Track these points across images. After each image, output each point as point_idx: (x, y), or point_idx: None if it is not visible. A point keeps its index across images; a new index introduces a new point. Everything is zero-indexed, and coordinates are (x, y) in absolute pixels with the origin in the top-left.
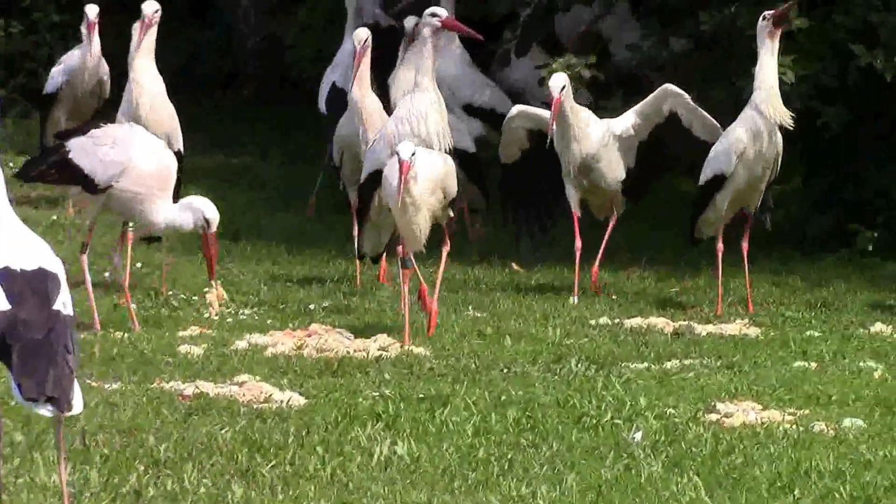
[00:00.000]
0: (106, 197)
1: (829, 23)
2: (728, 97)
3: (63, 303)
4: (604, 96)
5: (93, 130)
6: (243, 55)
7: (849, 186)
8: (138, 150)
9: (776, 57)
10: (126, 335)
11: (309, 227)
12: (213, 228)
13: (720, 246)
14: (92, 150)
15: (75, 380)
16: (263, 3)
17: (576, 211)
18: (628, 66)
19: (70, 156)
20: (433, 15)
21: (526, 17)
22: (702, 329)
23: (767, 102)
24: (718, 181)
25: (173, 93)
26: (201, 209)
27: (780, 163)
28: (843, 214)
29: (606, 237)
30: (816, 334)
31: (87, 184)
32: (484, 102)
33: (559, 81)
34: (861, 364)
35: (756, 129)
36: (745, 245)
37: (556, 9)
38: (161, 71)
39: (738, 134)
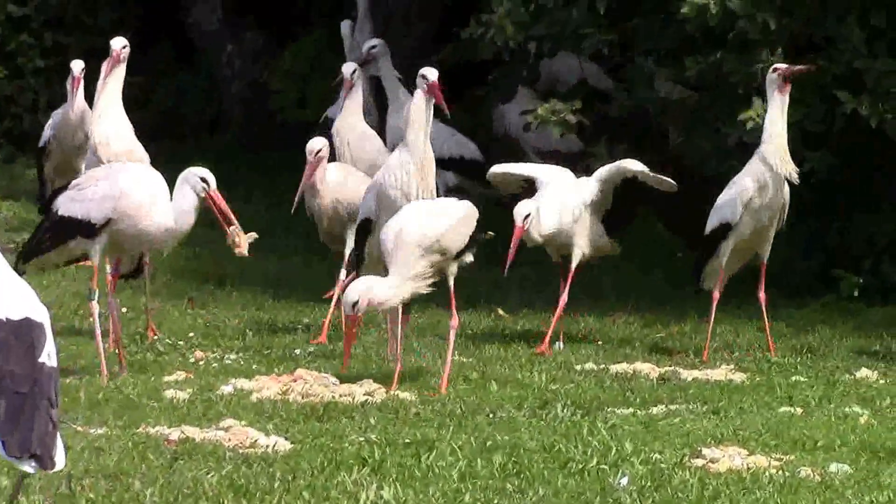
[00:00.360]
0: (107, 236)
1: (814, 69)
2: (713, 144)
3: (48, 354)
4: (590, 143)
5: (74, 182)
6: (228, 100)
7: (834, 232)
8: (125, 179)
9: (786, 110)
10: (111, 382)
11: (294, 271)
12: (213, 185)
13: (716, 294)
14: (80, 197)
15: (58, 434)
16: (248, 49)
17: (557, 259)
18: (621, 111)
19: (60, 213)
20: (423, 77)
21: (509, 63)
22: (687, 374)
23: (776, 155)
24: (724, 230)
25: (159, 136)
26: (192, 174)
27: (786, 212)
28: (828, 260)
29: (563, 303)
30: (802, 380)
31: (84, 228)
32: (452, 153)
33: (523, 210)
34: (847, 409)
35: (763, 181)
36: (761, 295)
37: (541, 54)
38: (147, 114)
39: (746, 183)
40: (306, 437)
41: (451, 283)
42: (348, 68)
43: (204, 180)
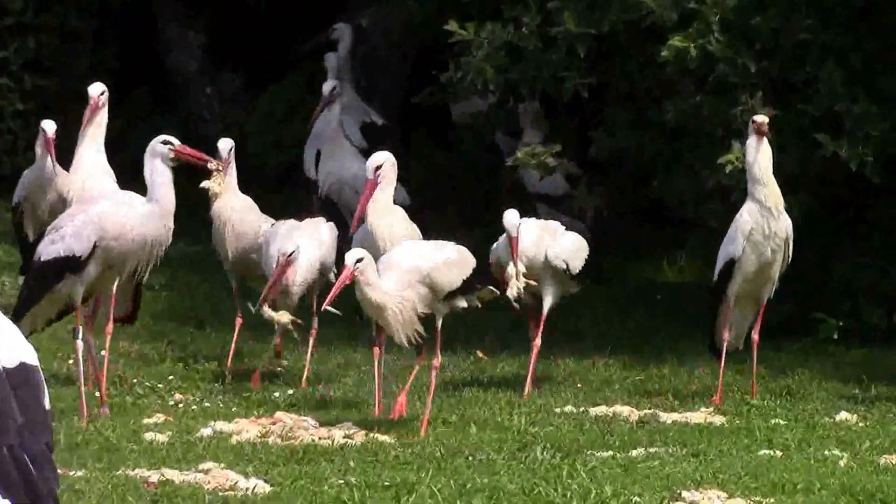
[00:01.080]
0: (97, 265)
1: (793, 111)
2: (691, 187)
3: (46, 398)
4: (572, 185)
5: (50, 227)
6: (205, 143)
7: (812, 274)
8: (101, 205)
9: (767, 151)
10: (90, 424)
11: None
12: (176, 141)
13: (725, 335)
14: (59, 236)
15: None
16: (225, 92)
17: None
18: (600, 154)
19: (43, 259)
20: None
21: (489, 107)
22: (667, 417)
23: (765, 193)
24: (729, 267)
25: (137, 179)
26: (155, 143)
27: (790, 248)
28: (806, 302)
29: (532, 367)
30: (781, 422)
31: (71, 264)
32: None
33: (514, 219)
34: (826, 452)
35: (759, 217)
36: (755, 336)
37: (519, 98)
38: (125, 157)
39: (745, 216)
40: (286, 479)
41: (439, 324)
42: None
43: (167, 142)
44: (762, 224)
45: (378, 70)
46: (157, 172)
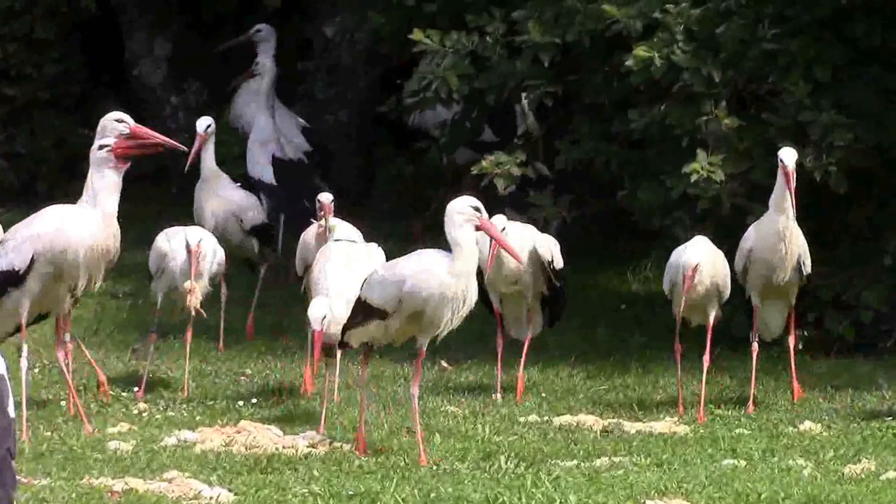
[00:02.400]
0: (38, 278)
1: (758, 121)
2: (657, 197)
3: (10, 405)
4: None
5: None
6: (171, 152)
7: None
8: (38, 220)
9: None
10: (54, 433)
11: (236, 323)
12: (131, 121)
13: (753, 346)
14: (2, 252)
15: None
16: (191, 103)
17: (497, 308)
18: (566, 164)
19: None
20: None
21: (454, 118)
22: (631, 426)
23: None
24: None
25: None
26: (107, 119)
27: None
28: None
29: (523, 362)
30: (746, 432)
31: (11, 278)
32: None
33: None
34: (790, 462)
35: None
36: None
37: (486, 109)
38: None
39: (748, 233)
40: (250, 488)
41: (422, 347)
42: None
43: (120, 121)
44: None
45: (343, 80)
46: (101, 177)
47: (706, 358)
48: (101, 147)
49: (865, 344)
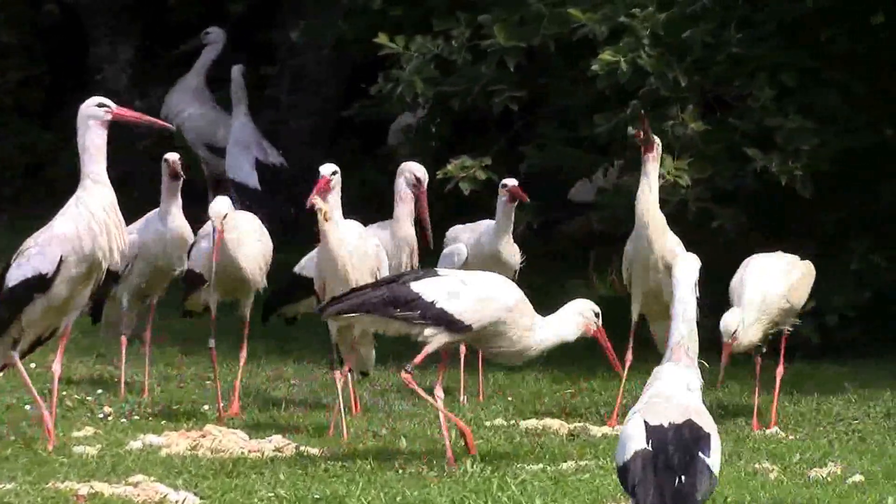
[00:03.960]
0: (64, 282)
1: (724, 126)
2: (622, 202)
3: None
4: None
5: (15, 255)
6: (136, 156)
7: None
8: (58, 221)
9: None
10: (17, 438)
11: (201, 327)
12: (114, 105)
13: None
14: (24, 259)
15: None
16: (156, 106)
17: None
18: (531, 169)
19: (10, 285)
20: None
21: (419, 122)
22: (597, 430)
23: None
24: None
25: (68, 193)
26: (87, 105)
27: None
28: None
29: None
30: None
31: (39, 283)
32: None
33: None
34: (757, 465)
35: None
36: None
37: (451, 111)
38: (56, 171)
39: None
40: (216, 492)
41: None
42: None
43: (102, 105)
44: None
45: (309, 85)
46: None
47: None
48: (99, 105)
49: (831, 347)
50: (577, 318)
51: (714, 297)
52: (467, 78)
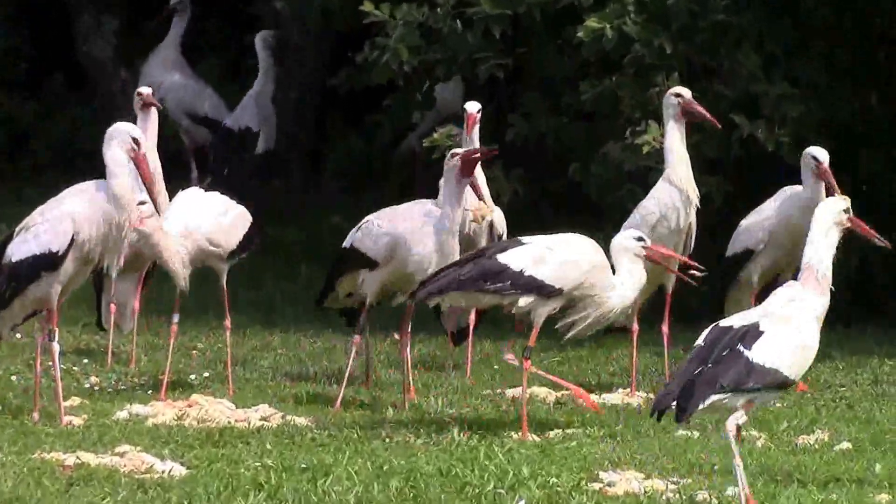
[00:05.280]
0: (72, 261)
1: (710, 93)
2: (609, 170)
3: None
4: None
5: (18, 228)
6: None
7: None
8: (69, 198)
9: (684, 135)
10: (6, 408)
11: (187, 297)
12: (142, 148)
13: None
14: (31, 235)
15: None
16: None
17: None
18: (517, 138)
19: (14, 259)
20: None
21: (404, 89)
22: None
23: (683, 180)
24: None
25: (53, 165)
26: (123, 131)
27: (693, 237)
28: (724, 285)
29: (471, 339)
30: None
31: (47, 261)
32: (207, 111)
33: None
34: (744, 433)
35: (670, 204)
36: (664, 328)
37: (437, 79)
38: (40, 143)
39: (649, 207)
40: (202, 462)
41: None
42: (473, 106)
43: (136, 139)
44: (671, 216)
45: (294, 55)
46: (119, 160)
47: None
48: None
49: None
50: (627, 256)
51: (702, 263)
52: (452, 46)
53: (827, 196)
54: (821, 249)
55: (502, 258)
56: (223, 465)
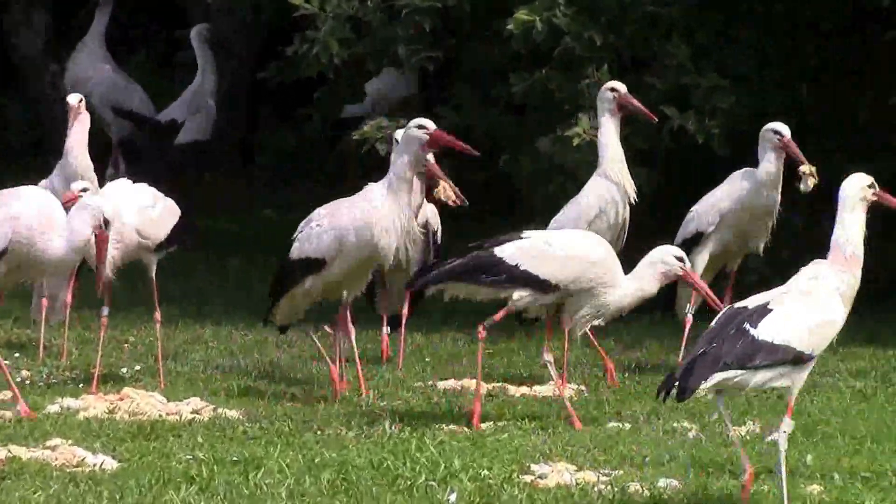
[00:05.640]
0: (5, 264)
1: (640, 85)
2: (539, 163)
3: None
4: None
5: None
6: (51, 121)
7: None
8: (16, 203)
9: (619, 130)
10: None
11: (119, 291)
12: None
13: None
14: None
15: None
16: None
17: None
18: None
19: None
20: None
21: (335, 81)
22: (515, 390)
23: (619, 174)
24: None
25: None
26: (97, 208)
27: (626, 231)
28: None
29: (403, 332)
30: (631, 395)
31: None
32: (133, 106)
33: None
34: (675, 424)
35: (608, 199)
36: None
37: (368, 72)
38: None
39: (590, 201)
40: (134, 455)
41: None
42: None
43: (106, 221)
44: (609, 211)
45: (225, 49)
46: (83, 229)
47: None
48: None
49: None
50: (652, 269)
51: (633, 256)
52: (382, 39)
53: (795, 169)
54: (848, 228)
55: (499, 251)
56: (155, 458)
